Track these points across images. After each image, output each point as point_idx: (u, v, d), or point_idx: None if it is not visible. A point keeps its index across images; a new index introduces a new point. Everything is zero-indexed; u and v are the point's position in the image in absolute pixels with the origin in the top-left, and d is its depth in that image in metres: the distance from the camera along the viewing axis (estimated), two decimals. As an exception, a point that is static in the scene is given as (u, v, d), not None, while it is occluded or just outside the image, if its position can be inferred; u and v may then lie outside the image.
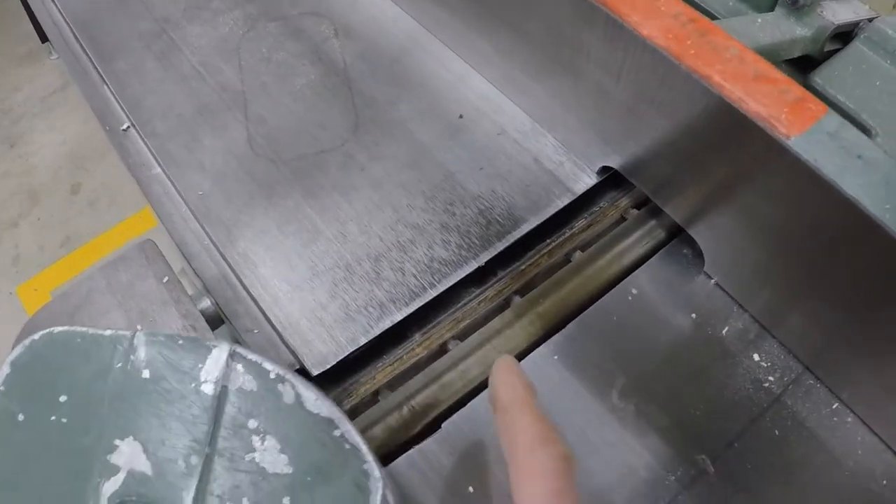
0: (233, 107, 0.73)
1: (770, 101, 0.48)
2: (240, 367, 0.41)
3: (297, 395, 0.41)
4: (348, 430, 0.40)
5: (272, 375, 0.41)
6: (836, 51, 0.66)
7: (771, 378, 0.55)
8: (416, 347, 0.59)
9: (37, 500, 0.37)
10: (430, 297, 0.60)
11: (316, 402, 0.41)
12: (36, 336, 0.43)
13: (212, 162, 0.69)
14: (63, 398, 0.41)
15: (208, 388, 0.40)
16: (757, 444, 0.52)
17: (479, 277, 0.62)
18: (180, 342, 0.42)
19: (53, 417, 0.40)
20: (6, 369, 0.42)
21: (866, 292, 0.49)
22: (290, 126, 0.71)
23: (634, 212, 0.65)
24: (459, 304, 0.61)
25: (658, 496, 0.51)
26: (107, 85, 0.79)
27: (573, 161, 0.67)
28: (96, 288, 0.64)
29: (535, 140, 0.69)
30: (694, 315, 0.58)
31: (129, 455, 0.37)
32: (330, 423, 0.40)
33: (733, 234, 0.56)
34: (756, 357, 0.56)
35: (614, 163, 0.64)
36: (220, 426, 0.40)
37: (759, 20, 0.63)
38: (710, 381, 0.55)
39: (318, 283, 0.61)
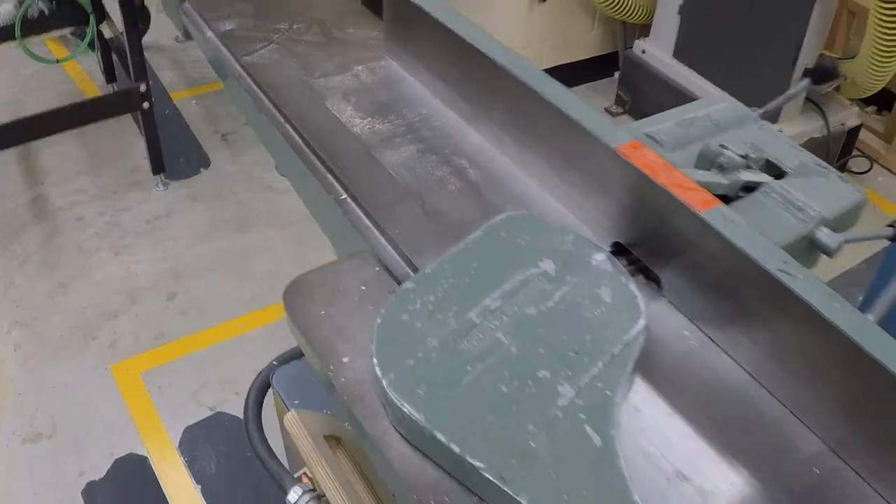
0: (414, 196, 1.32)
1: (694, 199, 1.07)
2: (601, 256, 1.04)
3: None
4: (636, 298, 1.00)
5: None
6: (742, 196, 1.26)
7: (687, 332, 1.11)
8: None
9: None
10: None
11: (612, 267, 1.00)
12: (508, 216, 1.11)
13: (401, 221, 1.27)
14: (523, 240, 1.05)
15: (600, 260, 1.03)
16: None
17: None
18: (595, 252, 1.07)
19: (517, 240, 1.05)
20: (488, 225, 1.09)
21: (748, 302, 1.06)
22: (444, 209, 1.30)
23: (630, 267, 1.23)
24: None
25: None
26: (332, 174, 1.38)
27: (605, 249, 1.25)
28: (335, 272, 1.20)
29: (581, 230, 1.27)
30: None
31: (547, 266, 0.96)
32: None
33: (679, 273, 1.14)
34: (686, 333, 1.12)
35: (622, 240, 1.22)
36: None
37: (700, 173, 1.23)
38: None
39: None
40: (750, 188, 1.28)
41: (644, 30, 3.99)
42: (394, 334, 0.99)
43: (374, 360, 0.96)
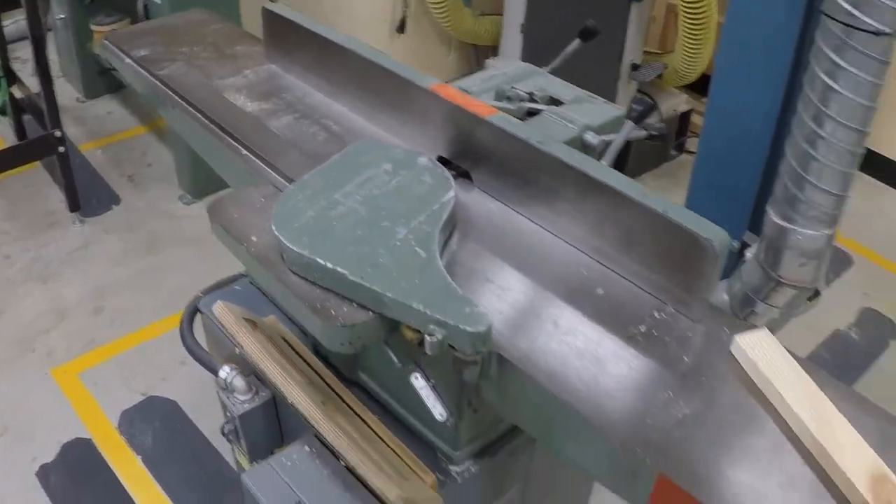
0: (292, 145, 1.81)
1: (481, 110, 1.59)
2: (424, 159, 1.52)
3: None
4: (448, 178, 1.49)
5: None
6: (528, 119, 1.79)
7: (492, 205, 1.62)
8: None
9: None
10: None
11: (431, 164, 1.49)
12: (359, 142, 1.59)
13: (286, 161, 1.75)
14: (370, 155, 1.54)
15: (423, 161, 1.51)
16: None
17: (393, 190, 1.68)
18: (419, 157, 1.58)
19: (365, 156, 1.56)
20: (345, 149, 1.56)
21: (528, 175, 1.57)
22: (316, 151, 1.79)
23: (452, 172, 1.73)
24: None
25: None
26: (233, 138, 1.86)
27: (428, 155, 1.75)
28: (243, 192, 1.67)
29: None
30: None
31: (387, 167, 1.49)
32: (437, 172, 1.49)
33: (484, 168, 1.65)
34: (491, 206, 1.63)
35: (445, 154, 1.73)
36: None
37: (493, 102, 1.75)
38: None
39: (335, 188, 1.67)
40: (534, 113, 1.82)
41: (494, 50, 4.60)
42: (285, 212, 1.47)
43: (273, 227, 1.43)
